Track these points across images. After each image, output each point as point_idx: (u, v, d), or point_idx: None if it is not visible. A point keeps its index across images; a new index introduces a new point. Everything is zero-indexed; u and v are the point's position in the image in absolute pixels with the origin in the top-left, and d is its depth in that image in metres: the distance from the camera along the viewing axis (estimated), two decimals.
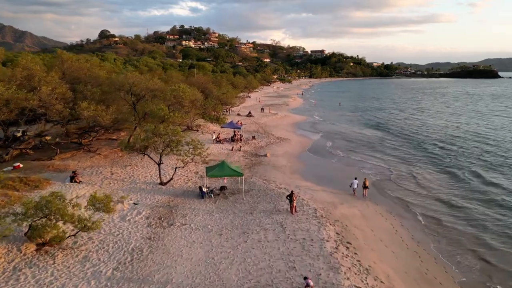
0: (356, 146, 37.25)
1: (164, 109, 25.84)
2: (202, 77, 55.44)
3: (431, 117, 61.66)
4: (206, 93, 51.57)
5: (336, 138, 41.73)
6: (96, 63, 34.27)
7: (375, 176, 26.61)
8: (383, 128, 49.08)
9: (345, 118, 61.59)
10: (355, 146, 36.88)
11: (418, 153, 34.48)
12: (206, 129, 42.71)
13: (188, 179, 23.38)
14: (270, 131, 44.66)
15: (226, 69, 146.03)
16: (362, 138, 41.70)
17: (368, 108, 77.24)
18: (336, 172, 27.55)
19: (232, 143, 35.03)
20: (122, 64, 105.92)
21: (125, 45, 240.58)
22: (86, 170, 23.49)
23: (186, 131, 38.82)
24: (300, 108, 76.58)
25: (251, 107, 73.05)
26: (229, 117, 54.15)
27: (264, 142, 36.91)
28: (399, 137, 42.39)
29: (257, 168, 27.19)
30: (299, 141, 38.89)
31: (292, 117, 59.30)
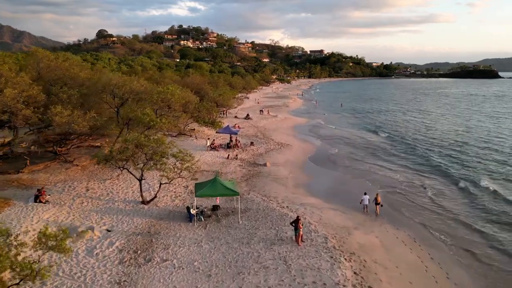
0: (361, 153, 34.03)
1: (149, 114, 22.67)
2: (197, 78, 52.31)
3: (436, 120, 58.44)
4: (202, 94, 48.47)
5: (340, 144, 38.55)
6: (76, 62, 30.99)
7: (385, 189, 23.60)
8: (387, 133, 45.81)
9: (348, 120, 58.42)
10: (361, 154, 33.63)
11: (427, 162, 31.26)
12: (201, 134, 39.54)
13: (175, 195, 20.22)
14: (270, 135, 41.53)
15: (224, 69, 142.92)
16: (367, 144, 38.51)
17: (369, 110, 74.12)
18: (343, 185, 24.40)
19: (228, 150, 31.88)
20: (117, 64, 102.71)
21: (122, 45, 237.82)
22: (57, 186, 20.29)
23: (178, 136, 35.73)
24: (300, 109, 73.47)
25: (249, 108, 69.92)
26: (226, 120, 51.04)
27: (263, 149, 33.77)
28: (405, 143, 39.12)
29: (255, 180, 24.04)
30: (301, 147, 35.75)
31: (292, 120, 56.18)
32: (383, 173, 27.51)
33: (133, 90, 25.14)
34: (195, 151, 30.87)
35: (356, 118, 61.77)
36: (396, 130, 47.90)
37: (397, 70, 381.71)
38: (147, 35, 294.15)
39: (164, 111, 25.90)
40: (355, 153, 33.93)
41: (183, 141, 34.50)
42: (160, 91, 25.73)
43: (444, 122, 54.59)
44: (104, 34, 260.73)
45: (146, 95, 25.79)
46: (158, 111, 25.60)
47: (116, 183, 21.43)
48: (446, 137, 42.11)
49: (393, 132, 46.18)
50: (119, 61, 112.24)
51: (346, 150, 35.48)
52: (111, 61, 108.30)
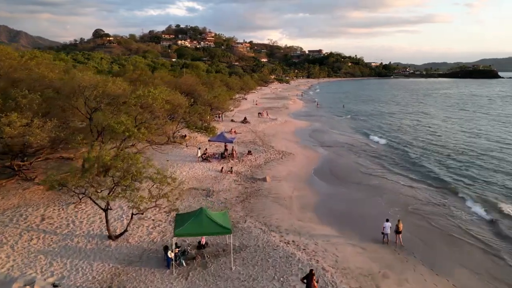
0: (369, 164, 29.91)
1: (125, 123, 18.67)
2: (190, 78, 48.28)
3: (443, 124, 54.21)
4: (195, 96, 44.47)
5: (345, 152, 34.53)
6: (46, 61, 26.92)
7: (403, 209, 19.87)
8: (394, 139, 41.54)
9: (351, 124, 54.29)
10: (369, 165, 29.47)
11: (442, 172, 27.39)
12: (193, 141, 35.54)
13: (154, 226, 16.25)
14: (270, 142, 37.58)
15: (222, 69, 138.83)
16: (374, 153, 34.45)
17: (372, 112, 69.99)
18: (356, 206, 20.45)
19: (222, 161, 27.91)
20: (108, 64, 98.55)
21: (119, 45, 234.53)
22: (5, 215, 16.27)
23: (167, 144, 31.71)
24: (301, 112, 69.52)
25: (247, 110, 65.96)
26: (221, 124, 47.08)
27: (262, 158, 29.82)
28: (414, 152, 34.79)
29: (253, 201, 20.10)
30: (304, 156, 31.79)
31: (293, 123, 52.25)
32: (397, 189, 23.62)
33: (109, 94, 21.12)
34: (184, 163, 26.94)
35: (359, 121, 57.74)
36: (403, 136, 43.52)
37: (396, 70, 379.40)
38: (144, 35, 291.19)
39: (145, 118, 21.90)
40: (363, 164, 29.82)
41: (172, 151, 30.55)
42: (139, 95, 21.71)
43: (453, 128, 50.05)
44: (100, 34, 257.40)
45: (124, 99, 21.77)
46: (138, 118, 21.59)
47: (83, 208, 17.42)
48: (457, 146, 37.47)
49: (400, 138, 41.76)
50: (112, 60, 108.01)
51: (352, 160, 31.39)
52: (103, 60, 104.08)
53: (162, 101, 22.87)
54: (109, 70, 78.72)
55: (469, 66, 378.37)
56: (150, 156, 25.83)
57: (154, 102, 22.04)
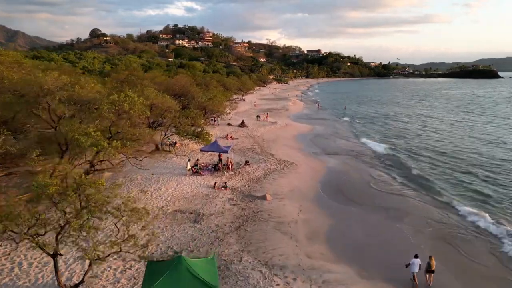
0: (381, 177, 26.14)
1: (93, 135, 15.16)
2: (183, 78, 44.69)
3: (452, 129, 50.56)
4: (188, 98, 40.97)
5: (354, 162, 30.95)
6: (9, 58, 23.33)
7: (431, 235, 16.49)
8: (402, 146, 37.75)
9: (355, 128, 50.67)
10: (382, 179, 25.67)
11: (462, 189, 23.76)
12: (185, 148, 32.04)
13: (123, 269, 12.73)
14: (269, 148, 34.12)
15: (219, 69, 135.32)
16: (385, 163, 30.89)
17: (375, 115, 66.37)
18: (375, 233, 17.02)
19: (215, 174, 24.42)
20: (101, 64, 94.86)
21: (115, 44, 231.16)
22: None
23: (154, 153, 28.23)
24: (302, 114, 66.08)
25: (245, 113, 62.48)
26: (217, 129, 43.58)
27: (261, 170, 26.33)
28: (427, 160, 31.09)
29: (251, 229, 16.62)
30: (308, 167, 28.30)
31: (294, 127, 48.80)
32: (418, 210, 20.14)
33: (78, 98, 17.59)
34: (172, 177, 23.42)
35: (363, 125, 54.00)
36: (410, 143, 39.63)
37: (395, 70, 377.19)
38: (142, 35, 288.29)
39: (122, 128, 18.40)
40: (373, 177, 26.16)
41: (159, 161, 27.02)
42: (113, 100, 18.15)
43: (464, 133, 46.02)
44: (97, 34, 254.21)
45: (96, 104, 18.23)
46: (113, 128, 18.10)
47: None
48: (474, 156, 33.27)
49: (408, 146, 37.85)
50: (105, 60, 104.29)
51: (361, 171, 27.76)
52: (95, 60, 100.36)
53: (141, 107, 19.34)
54: (100, 70, 75.13)
55: (468, 66, 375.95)
56: (129, 173, 22.29)
57: (132, 108, 18.53)
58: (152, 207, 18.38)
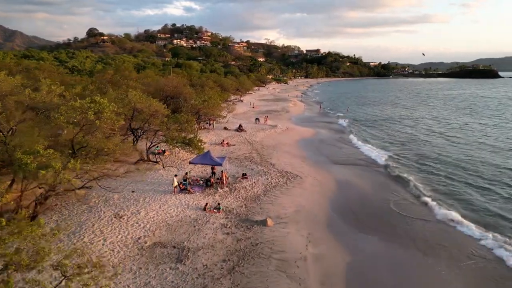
0: (401, 193, 22.69)
1: (43, 153, 11.58)
2: (174, 79, 41.02)
3: (463, 132, 46.86)
4: (181, 100, 37.38)
5: (365, 173, 27.28)
6: None
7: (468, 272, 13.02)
8: (415, 153, 34.09)
9: (361, 133, 46.85)
10: (402, 195, 22.24)
11: (490, 213, 20.23)
12: (175, 157, 28.48)
13: None
14: (270, 157, 30.63)
15: (217, 68, 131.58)
16: (401, 175, 27.39)
17: (380, 117, 62.40)
18: (408, 276, 13.55)
19: (207, 192, 20.85)
20: (93, 63, 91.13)
21: (113, 44, 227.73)
22: None
23: (139, 164, 24.69)
24: (304, 116, 62.58)
25: (243, 115, 58.95)
26: (212, 133, 40.02)
27: (261, 185, 22.79)
28: (447, 172, 27.48)
29: (248, 271, 13.06)
30: (315, 180, 24.71)
31: (296, 131, 45.26)
32: (455, 240, 16.70)
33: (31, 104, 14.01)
34: (155, 196, 19.85)
35: (369, 128, 50.45)
36: (423, 150, 35.81)
37: (395, 70, 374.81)
38: (140, 34, 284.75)
39: (87, 141, 14.82)
40: (392, 193, 22.46)
41: (144, 174, 23.43)
42: (73, 106, 14.48)
43: (475, 139, 41.78)
44: (94, 33, 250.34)
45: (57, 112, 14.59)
46: (77, 143, 14.52)
47: None
48: (490, 167, 29.01)
49: (420, 154, 33.96)
50: (98, 59, 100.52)
51: (377, 187, 23.94)
52: (88, 59, 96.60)
53: (111, 115, 15.75)
54: (91, 69, 71.47)
55: (468, 65, 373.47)
56: (104, 190, 18.67)
57: (99, 117, 14.94)
58: (126, 239, 14.82)
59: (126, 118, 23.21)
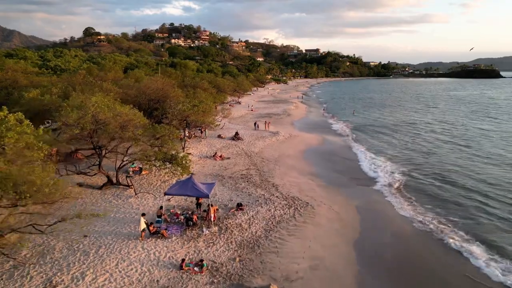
0: (444, 231, 17.37)
1: None
2: (158, 80, 35.33)
3: (486, 140, 41.32)
4: (166, 106, 31.86)
5: (395, 198, 21.96)
6: None
7: None
8: (439, 169, 28.45)
9: (371, 141, 41.08)
10: (448, 234, 16.94)
11: None
12: (155, 178, 22.95)
13: None
14: (271, 174, 25.19)
15: (214, 68, 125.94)
16: (436, 200, 21.86)
17: (388, 122, 55.91)
18: None
19: (188, 235, 15.32)
20: (80, 62, 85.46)
21: (109, 43, 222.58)
22: None
23: (107, 189, 19.23)
24: (307, 120, 57.10)
25: (240, 119, 53.52)
26: (203, 142, 34.47)
27: (261, 220, 17.27)
28: (486, 195, 22.42)
29: None
30: (332, 211, 19.19)
31: (300, 138, 39.75)
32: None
33: None
34: (115, 244, 14.30)
35: (379, 136, 43.97)
36: (445, 163, 30.02)
37: (395, 70, 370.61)
38: (137, 34, 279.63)
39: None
40: (439, 241, 16.75)
41: (109, 205, 17.91)
42: None
43: (504, 150, 35.84)
44: (90, 32, 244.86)
45: None
46: None
47: None
48: None
49: (448, 169, 28.11)
50: (88, 58, 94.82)
51: (408, 219, 18.68)
52: (76, 58, 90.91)
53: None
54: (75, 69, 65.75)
55: (469, 65, 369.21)
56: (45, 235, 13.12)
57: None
58: None
59: (87, 133, 17.71)
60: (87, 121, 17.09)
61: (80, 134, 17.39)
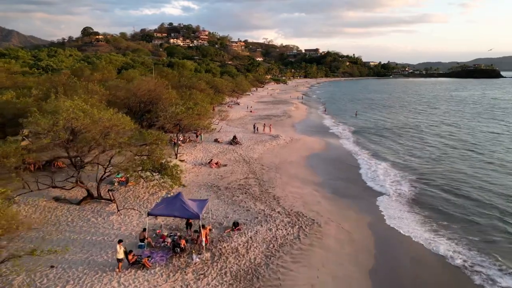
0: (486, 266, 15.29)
1: None
2: (150, 80, 32.85)
3: (494, 144, 39.23)
4: (157, 110, 29.52)
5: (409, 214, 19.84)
6: None
7: None
8: (449, 185, 25.20)
9: (375, 144, 38.95)
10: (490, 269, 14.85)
11: None
12: (142, 190, 20.64)
13: None
14: (272, 184, 22.96)
15: (212, 68, 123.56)
16: (464, 218, 19.72)
17: (392, 124, 53.25)
18: None
19: (173, 264, 13.01)
20: (76, 61, 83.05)
21: (107, 43, 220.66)
22: None
23: (86, 204, 16.95)
24: (308, 122, 54.80)
25: (239, 121, 51.27)
26: (199, 147, 32.19)
27: (261, 242, 15.00)
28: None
29: None
30: (342, 230, 16.91)
31: (302, 142, 37.46)
32: None
33: None
34: (87, 276, 11.94)
35: (382, 140, 41.52)
36: (456, 175, 26.91)
37: (395, 70, 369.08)
38: (136, 33, 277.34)
39: None
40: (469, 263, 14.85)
41: (85, 224, 15.61)
42: None
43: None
44: (89, 32, 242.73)
45: None
46: None
47: None
48: None
49: (456, 182, 25.20)
50: (82, 58, 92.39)
51: (428, 243, 16.61)
52: (70, 58, 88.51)
53: None
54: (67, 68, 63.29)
55: (469, 65, 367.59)
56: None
57: None
58: None
59: (60, 142, 15.41)
60: (59, 129, 14.79)
61: (52, 143, 15.08)
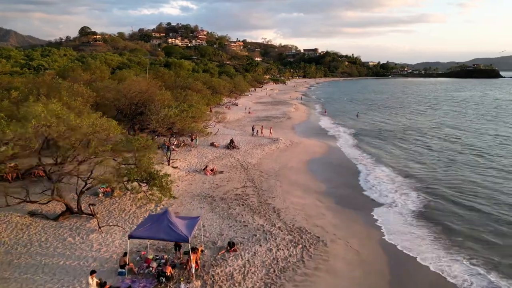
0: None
1: None
2: (141, 81, 30.94)
3: (501, 147, 37.30)
4: (149, 113, 27.64)
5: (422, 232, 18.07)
6: None
7: None
8: (464, 190, 23.55)
9: (378, 148, 36.65)
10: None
11: None
12: (128, 202, 18.78)
13: None
14: (271, 193, 21.16)
15: (210, 68, 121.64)
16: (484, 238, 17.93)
17: (395, 127, 51.10)
18: None
19: None
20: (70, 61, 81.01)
21: (105, 43, 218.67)
22: None
23: (64, 220, 15.10)
24: (309, 124, 52.99)
25: (237, 122, 49.46)
26: (194, 152, 30.31)
27: (259, 266, 13.17)
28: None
29: None
30: (351, 250, 15.10)
31: (303, 146, 35.65)
32: None
33: None
34: None
35: (385, 144, 39.19)
36: (466, 184, 24.62)
37: (394, 70, 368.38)
38: (134, 33, 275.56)
39: None
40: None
41: (61, 244, 13.76)
42: None
43: None
44: (86, 32, 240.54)
45: None
46: None
47: None
48: None
49: (467, 193, 22.87)
50: (77, 57, 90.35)
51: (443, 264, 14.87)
52: (64, 57, 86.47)
53: None
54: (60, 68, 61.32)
55: (469, 65, 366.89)
56: None
57: None
58: None
59: (30, 152, 13.56)
60: (30, 137, 12.97)
61: (21, 153, 13.25)
